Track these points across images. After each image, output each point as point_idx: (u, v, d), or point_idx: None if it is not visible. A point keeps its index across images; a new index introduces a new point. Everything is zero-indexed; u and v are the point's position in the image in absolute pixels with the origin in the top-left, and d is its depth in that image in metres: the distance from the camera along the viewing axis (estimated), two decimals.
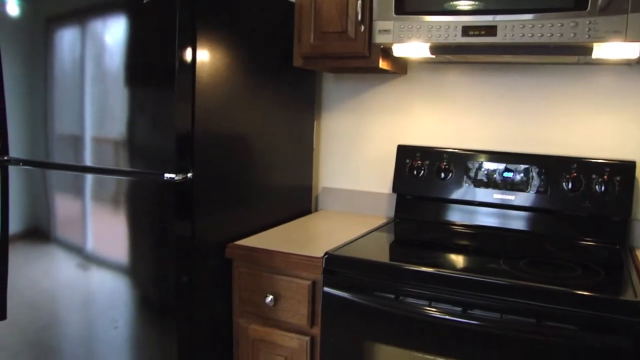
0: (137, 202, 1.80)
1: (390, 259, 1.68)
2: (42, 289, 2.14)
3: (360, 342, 1.69)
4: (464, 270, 1.60)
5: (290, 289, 1.79)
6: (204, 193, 1.78)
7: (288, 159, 2.27)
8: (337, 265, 1.71)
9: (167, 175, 1.68)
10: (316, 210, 2.55)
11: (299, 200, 2.38)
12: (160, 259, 1.77)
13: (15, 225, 2.17)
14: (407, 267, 1.62)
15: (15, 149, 2.11)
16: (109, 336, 1.96)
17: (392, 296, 1.64)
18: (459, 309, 1.56)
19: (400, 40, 1.85)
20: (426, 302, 1.60)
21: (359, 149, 2.46)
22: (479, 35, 1.75)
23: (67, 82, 1.89)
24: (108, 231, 1.88)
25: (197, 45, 1.68)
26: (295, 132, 2.30)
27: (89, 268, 1.97)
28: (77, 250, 1.99)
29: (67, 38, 1.88)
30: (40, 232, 2.09)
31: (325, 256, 1.72)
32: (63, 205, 1.98)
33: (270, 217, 2.17)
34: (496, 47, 1.81)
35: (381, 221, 2.28)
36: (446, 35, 1.79)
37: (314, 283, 1.76)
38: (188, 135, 1.69)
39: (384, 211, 2.41)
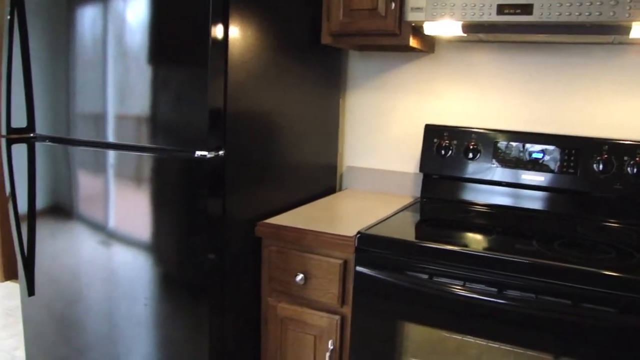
0: (164, 179, 1.79)
1: (424, 239, 1.67)
2: (65, 265, 2.15)
3: (391, 321, 1.69)
4: (498, 250, 1.59)
5: (321, 267, 1.78)
6: (234, 171, 1.77)
7: (314, 137, 2.25)
8: (369, 245, 1.70)
9: (199, 153, 1.66)
10: (340, 189, 2.54)
11: (324, 179, 2.37)
12: (189, 236, 1.76)
13: (40, 202, 2.17)
14: (441, 247, 1.61)
15: (41, 126, 2.11)
16: (133, 313, 1.96)
17: (426, 276, 1.63)
18: (494, 289, 1.55)
19: (432, 18, 1.82)
20: (460, 282, 1.59)
21: (385, 128, 2.44)
22: (514, 13, 1.72)
23: (95, 59, 1.87)
24: (133, 208, 1.87)
25: (230, 21, 1.66)
26: (321, 111, 2.29)
27: (111, 245, 1.97)
28: (100, 227, 1.99)
29: (91, 15, 1.86)
30: (64, 209, 2.09)
31: (358, 235, 1.71)
32: (88, 183, 1.97)
33: (296, 195, 2.16)
34: (531, 26, 1.78)
35: (407, 201, 2.27)
36: (480, 14, 1.76)
37: (345, 262, 1.75)
38: (220, 113, 1.67)
39: (409, 190, 2.40)
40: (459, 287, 1.59)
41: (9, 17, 2.05)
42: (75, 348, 2.20)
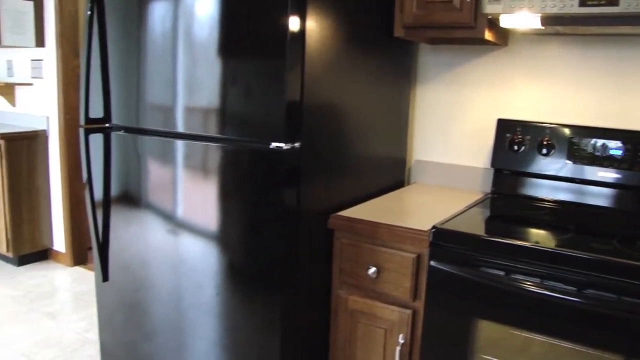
0: (236, 170, 1.81)
1: (500, 235, 1.64)
2: (136, 252, 2.21)
3: (465, 317, 1.67)
4: (578, 248, 1.55)
5: (394, 261, 1.78)
6: (309, 163, 1.78)
7: (384, 131, 2.24)
8: (444, 239, 1.68)
9: (275, 145, 1.68)
10: (408, 183, 2.53)
11: (393, 173, 2.36)
12: (261, 227, 1.78)
13: (114, 190, 2.24)
14: (519, 244, 1.58)
15: (116, 117, 2.17)
16: (200, 301, 2.00)
17: (502, 273, 1.61)
18: (573, 288, 1.51)
19: (510, 10, 1.79)
20: (537, 280, 1.56)
21: (455, 122, 2.41)
22: (599, 5, 1.67)
23: (167, 52, 1.91)
24: (202, 198, 1.90)
25: (307, 13, 1.66)
26: (391, 104, 2.27)
27: (181, 234, 2.01)
28: (170, 216, 2.04)
29: (164, 9, 1.90)
30: (136, 197, 2.14)
31: (433, 230, 1.70)
32: (159, 172, 2.02)
33: (365, 188, 2.15)
34: (616, 17, 1.72)
35: (476, 196, 2.24)
36: (561, 5, 1.72)
37: (418, 256, 1.75)
38: (297, 105, 1.68)
39: (478, 185, 2.37)
40: (536, 285, 1.56)
41: (89, 12, 2.11)
42: (143, 333, 2.26)
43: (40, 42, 4.09)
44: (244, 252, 1.84)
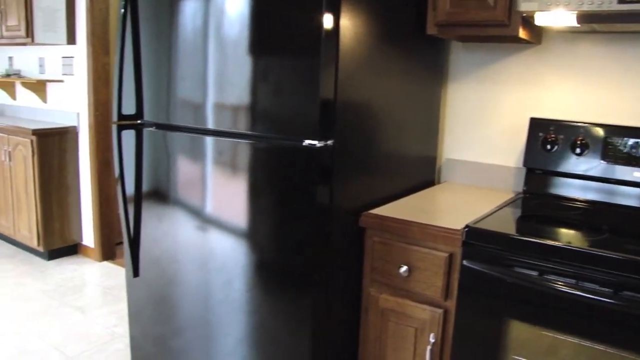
0: (267, 167, 1.82)
1: (534, 235, 1.63)
2: (164, 248, 2.23)
3: (497, 317, 1.66)
4: (613, 249, 1.53)
5: (426, 260, 1.77)
6: (341, 160, 1.78)
7: (415, 129, 2.23)
8: (477, 239, 1.67)
9: (308, 142, 1.68)
10: (439, 181, 2.52)
11: (423, 171, 2.35)
12: (292, 225, 1.79)
13: (144, 186, 2.26)
14: (554, 244, 1.57)
15: (148, 113, 2.19)
16: (229, 298, 2.01)
17: (536, 273, 1.59)
18: (610, 290, 1.49)
19: (546, 8, 1.76)
20: (573, 281, 1.54)
21: (486, 121, 2.39)
22: (638, 1, 1.64)
23: (199, 49, 1.92)
24: (232, 195, 1.91)
25: (341, 11, 1.66)
26: (422, 102, 2.26)
27: (210, 230, 2.03)
28: (200, 213, 2.05)
29: (197, 7, 1.91)
30: (166, 193, 2.16)
31: (466, 229, 1.69)
32: (190, 169, 2.03)
33: (396, 187, 2.15)
34: None
35: (508, 195, 2.22)
36: (599, 3, 1.69)
37: (450, 255, 1.74)
38: (330, 103, 1.68)
39: (510, 185, 2.35)
40: (571, 286, 1.54)
41: (122, 10, 2.13)
42: (172, 328, 2.28)
43: (71, 39, 4.14)
44: (274, 249, 1.85)
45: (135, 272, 2.34)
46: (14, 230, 4.41)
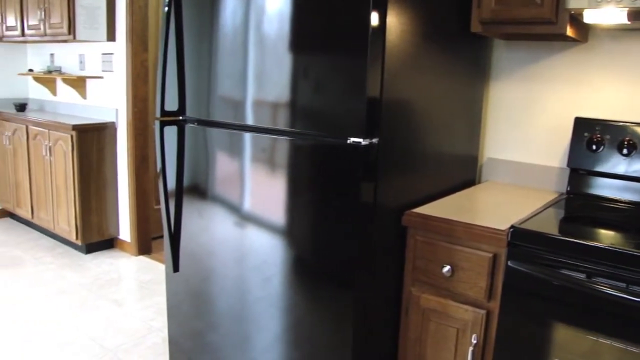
0: (308, 164, 1.81)
1: (581, 237, 1.60)
2: (202, 243, 2.24)
3: (541, 320, 1.63)
4: None
5: (470, 260, 1.75)
6: (385, 158, 1.77)
7: (457, 128, 2.21)
8: (523, 240, 1.65)
9: (353, 140, 1.67)
10: (479, 181, 2.49)
11: (464, 170, 2.33)
12: (334, 223, 1.78)
13: (185, 181, 2.28)
14: (603, 247, 1.53)
15: (189, 109, 2.20)
16: (265, 295, 2.02)
17: (583, 276, 1.56)
18: None
19: (596, 5, 1.73)
20: (622, 285, 1.51)
21: (529, 120, 2.35)
22: None
23: (241, 47, 1.92)
24: (271, 191, 1.92)
25: (388, 8, 1.65)
26: (465, 100, 2.24)
27: (249, 227, 2.03)
28: (241, 209, 2.06)
29: (240, 4, 1.91)
30: (206, 189, 2.18)
31: (511, 229, 1.67)
32: (231, 165, 2.04)
33: (437, 185, 2.13)
34: None
35: (551, 196, 2.19)
36: None
37: (495, 256, 1.71)
38: (377, 100, 1.67)
39: (552, 185, 2.31)
40: (620, 290, 1.51)
41: (166, 8, 2.15)
42: (208, 322, 2.30)
43: (111, 36, 4.20)
44: (313, 247, 1.85)
45: (176, 267, 2.36)
46: (54, 224, 4.49)
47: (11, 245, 4.55)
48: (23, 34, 4.58)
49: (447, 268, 1.78)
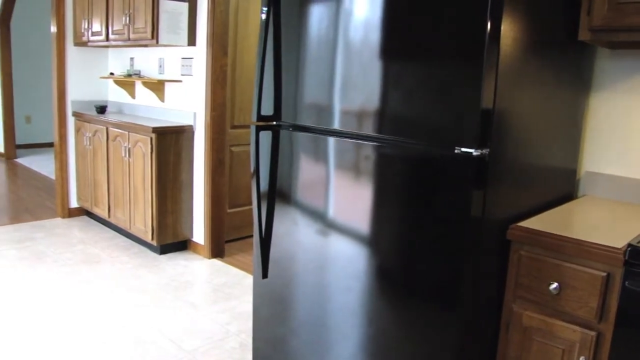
0: (410, 173, 1.78)
1: None
2: (284, 249, 2.23)
3: None
4: None
5: (581, 278, 1.67)
6: (494, 170, 1.71)
7: (558, 139, 2.13)
8: None
9: (462, 149, 1.63)
10: (576, 195, 2.39)
11: (563, 184, 2.24)
12: (435, 234, 1.74)
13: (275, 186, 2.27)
14: None
15: (284, 115, 2.20)
16: (347, 304, 1.99)
17: None
18: None
19: None
20: None
21: (632, 134, 2.24)
22: None
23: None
24: (363, 200, 1.89)
25: (503, 15, 1.60)
26: (567, 111, 2.16)
27: (333, 235, 2.02)
28: (326, 216, 2.05)
29: (335, 12, 1.89)
30: (293, 194, 2.17)
31: (629, 248, 1.58)
32: (325, 173, 2.02)
33: (537, 199, 2.05)
34: None
35: None
36: None
37: (608, 275, 1.63)
38: (490, 110, 1.62)
39: None
40: None
41: (264, 16, 2.16)
42: (290, 328, 2.28)
43: (192, 40, 4.27)
44: (404, 260, 1.81)
45: (265, 273, 2.36)
46: (130, 224, 4.59)
47: (89, 243, 4.67)
48: (107, 39, 4.70)
49: (554, 285, 1.71)
